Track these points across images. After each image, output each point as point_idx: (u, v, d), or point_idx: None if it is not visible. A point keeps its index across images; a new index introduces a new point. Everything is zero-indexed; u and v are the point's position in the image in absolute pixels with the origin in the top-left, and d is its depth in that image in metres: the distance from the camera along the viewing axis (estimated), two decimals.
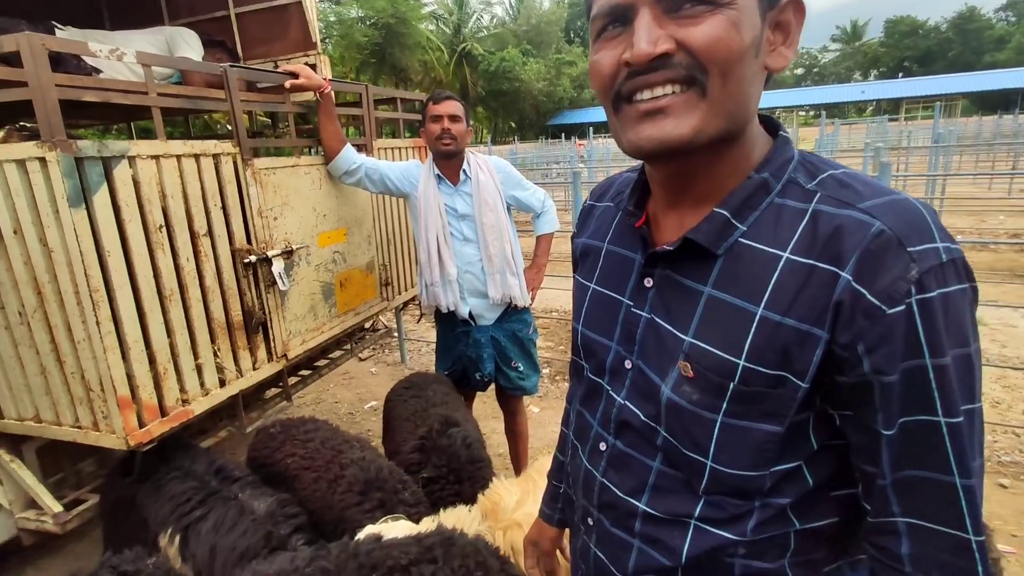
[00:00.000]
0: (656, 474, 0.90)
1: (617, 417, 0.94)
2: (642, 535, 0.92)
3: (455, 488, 2.30)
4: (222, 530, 1.98)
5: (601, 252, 1.01)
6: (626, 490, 0.93)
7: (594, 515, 0.99)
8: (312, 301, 2.84)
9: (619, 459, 0.94)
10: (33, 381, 2.10)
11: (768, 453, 0.80)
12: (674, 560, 0.90)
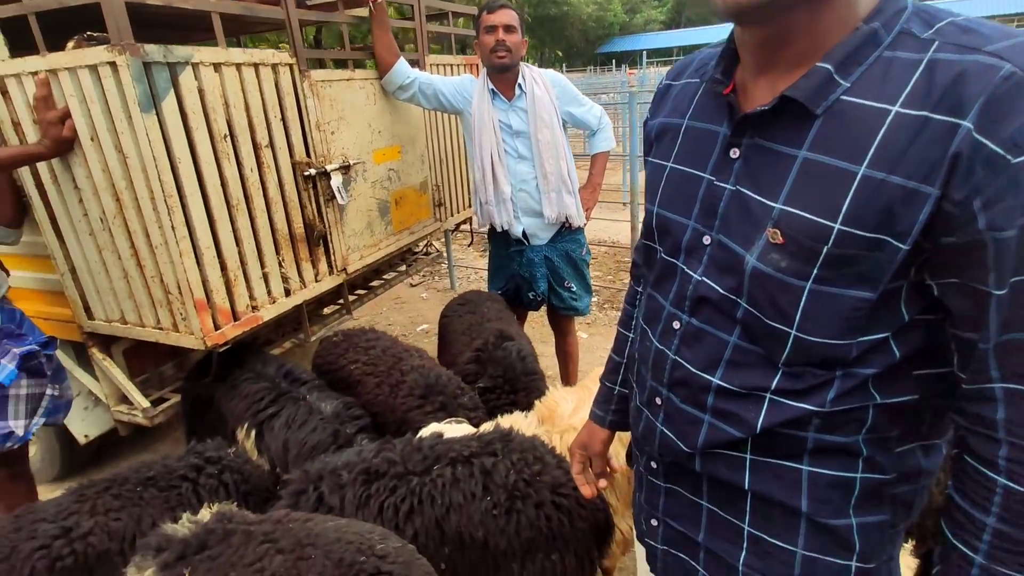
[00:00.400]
0: (732, 348, 0.89)
1: (693, 294, 0.92)
2: (714, 410, 0.92)
3: (510, 398, 2.37)
4: (293, 427, 2.12)
5: (680, 130, 0.97)
6: (700, 366, 0.92)
7: (663, 394, 1.00)
8: (369, 218, 2.88)
9: (693, 336, 0.93)
10: (117, 285, 2.23)
11: (857, 321, 0.77)
12: (746, 432, 0.89)
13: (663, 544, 1.11)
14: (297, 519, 1.49)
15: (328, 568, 1.30)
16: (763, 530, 0.94)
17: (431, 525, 1.64)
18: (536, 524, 1.63)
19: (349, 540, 1.37)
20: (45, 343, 2.20)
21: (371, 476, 1.73)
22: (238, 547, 1.40)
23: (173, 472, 1.75)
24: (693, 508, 1.02)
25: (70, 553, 1.49)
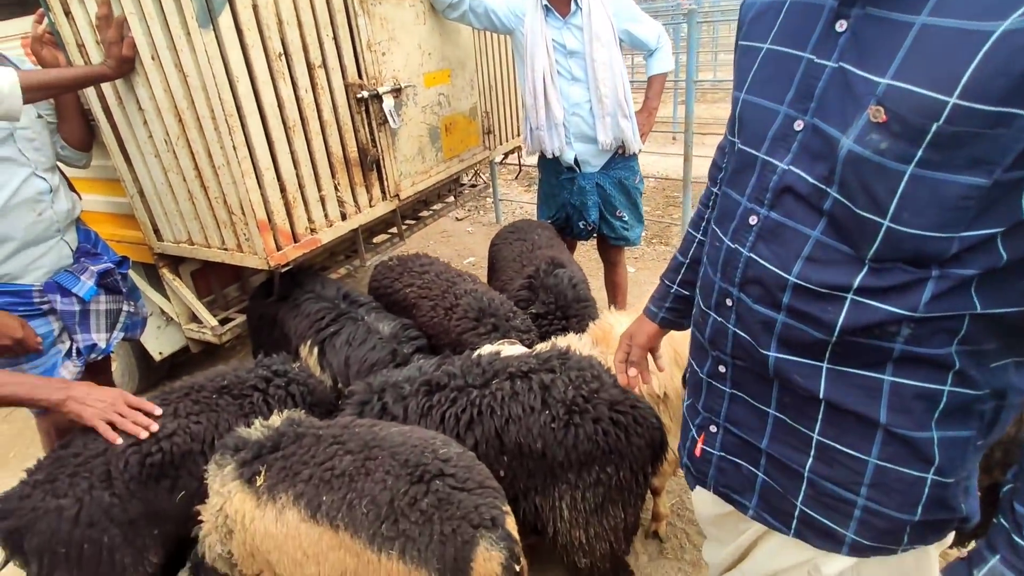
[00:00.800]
0: (813, 243, 0.85)
1: (777, 185, 0.88)
2: (789, 309, 0.89)
3: (562, 324, 2.38)
4: (354, 345, 2.20)
5: (783, 8, 0.90)
6: (776, 263, 0.89)
7: (734, 295, 0.97)
8: (420, 144, 2.85)
9: (770, 231, 0.90)
10: (183, 206, 2.31)
11: (963, 212, 0.71)
12: (824, 334, 0.86)
13: (720, 450, 1.11)
14: (363, 424, 1.58)
15: (395, 468, 1.38)
16: (834, 439, 0.92)
17: (491, 435, 1.70)
18: (594, 438, 1.67)
19: (414, 444, 1.45)
20: (119, 262, 2.31)
21: (432, 388, 1.79)
22: (309, 448, 1.50)
23: (245, 382, 1.86)
24: (758, 415, 1.01)
25: (158, 451, 1.62)
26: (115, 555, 1.55)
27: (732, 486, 1.11)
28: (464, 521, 1.28)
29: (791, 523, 1.02)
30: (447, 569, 1.26)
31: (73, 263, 2.18)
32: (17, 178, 1.96)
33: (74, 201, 2.21)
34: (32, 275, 2.07)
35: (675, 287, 1.35)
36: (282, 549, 1.40)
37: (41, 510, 1.49)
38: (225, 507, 1.49)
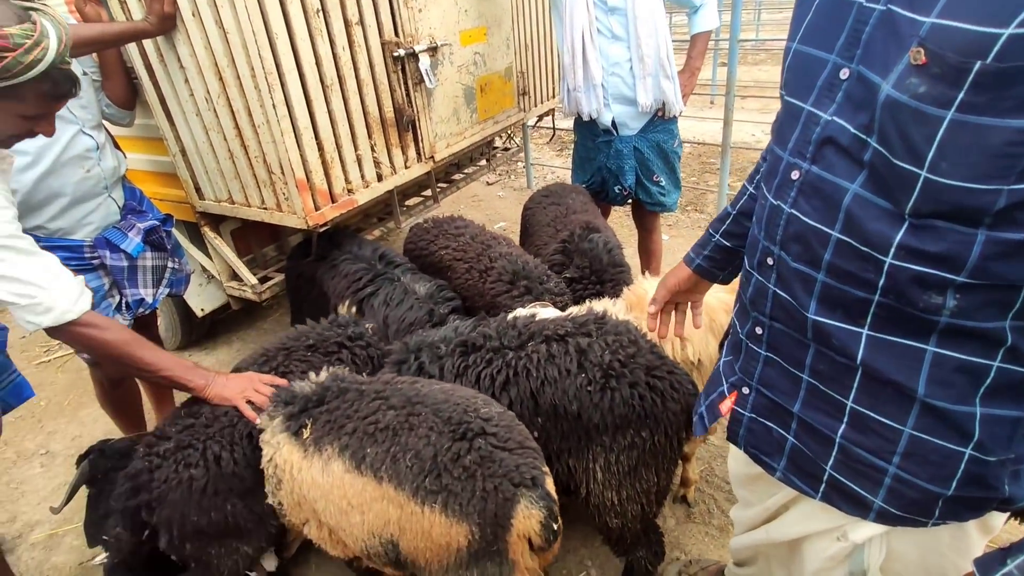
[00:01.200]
0: (852, 197, 0.82)
1: (819, 137, 0.85)
2: (829, 268, 0.87)
3: (596, 289, 2.36)
4: (391, 305, 2.23)
5: None
6: (816, 218, 0.87)
7: (775, 253, 0.95)
8: (455, 104, 2.82)
9: (811, 185, 0.87)
10: (224, 165, 2.34)
11: (1009, 160, 0.67)
12: (867, 292, 0.84)
13: (751, 412, 1.11)
14: (404, 381, 1.61)
15: (437, 425, 1.41)
16: (869, 407, 0.91)
17: (526, 396, 1.72)
18: (630, 402, 1.68)
19: (456, 402, 1.47)
20: (164, 219, 2.37)
21: (468, 348, 1.81)
22: (352, 402, 1.53)
23: (329, 340, 1.92)
24: (791, 378, 1.00)
25: None
26: (239, 521, 1.64)
27: (761, 447, 1.12)
28: (505, 479, 1.31)
29: (819, 487, 1.02)
30: (487, 524, 1.29)
31: (120, 220, 2.24)
32: (66, 135, 2.01)
33: (120, 159, 2.26)
34: (82, 231, 2.13)
35: (717, 236, 1.34)
36: (328, 498, 1.45)
37: (174, 480, 1.55)
38: (275, 458, 1.55)
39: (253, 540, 1.71)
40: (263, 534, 1.73)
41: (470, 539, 1.31)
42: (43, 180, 1.98)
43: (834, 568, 1.11)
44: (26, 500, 2.68)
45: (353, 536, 1.47)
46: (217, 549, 1.67)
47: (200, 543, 1.64)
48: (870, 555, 1.05)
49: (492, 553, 1.34)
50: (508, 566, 1.35)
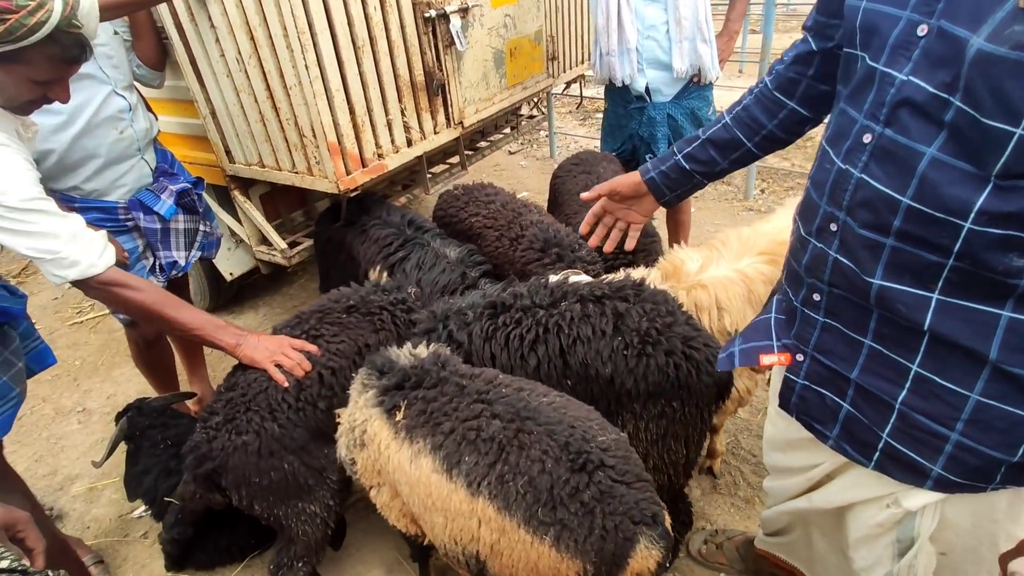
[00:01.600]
0: (928, 162, 0.79)
1: (894, 99, 0.82)
2: (900, 233, 0.84)
3: (627, 258, 2.34)
4: (424, 269, 2.22)
5: None
6: (888, 184, 0.84)
7: (839, 219, 0.92)
8: (484, 69, 2.76)
9: (884, 149, 0.84)
10: (255, 128, 2.33)
11: None
12: (941, 257, 0.81)
13: (804, 379, 1.09)
14: (508, 384, 1.49)
15: (553, 450, 1.29)
16: (935, 372, 0.89)
17: (555, 354, 1.70)
18: (665, 371, 1.66)
19: (571, 423, 1.35)
20: (195, 182, 2.37)
21: (497, 309, 1.80)
22: (452, 398, 1.44)
23: (372, 303, 1.91)
24: (851, 344, 0.99)
25: (314, 374, 1.72)
26: (299, 478, 1.69)
27: (813, 415, 1.10)
28: (626, 517, 1.23)
29: (873, 455, 1.01)
30: (603, 563, 1.23)
31: (153, 182, 2.25)
32: (99, 95, 2.01)
33: (152, 121, 2.25)
34: (116, 193, 2.15)
35: (679, 156, 1.33)
36: (412, 487, 1.41)
37: (230, 448, 1.62)
38: (364, 423, 1.52)
39: (317, 498, 1.75)
40: (326, 490, 1.76)
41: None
42: (78, 140, 1.99)
43: (881, 535, 1.11)
44: (66, 455, 2.77)
45: (434, 533, 1.43)
46: (284, 510, 1.72)
47: (267, 503, 1.71)
48: (922, 523, 1.04)
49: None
50: None
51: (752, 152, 1.28)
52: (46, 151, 1.95)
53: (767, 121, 1.22)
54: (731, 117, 1.27)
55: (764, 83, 1.22)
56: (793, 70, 1.16)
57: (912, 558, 1.10)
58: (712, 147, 1.30)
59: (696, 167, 1.33)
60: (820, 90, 1.14)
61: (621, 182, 1.42)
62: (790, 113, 1.19)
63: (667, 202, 1.43)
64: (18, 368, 1.74)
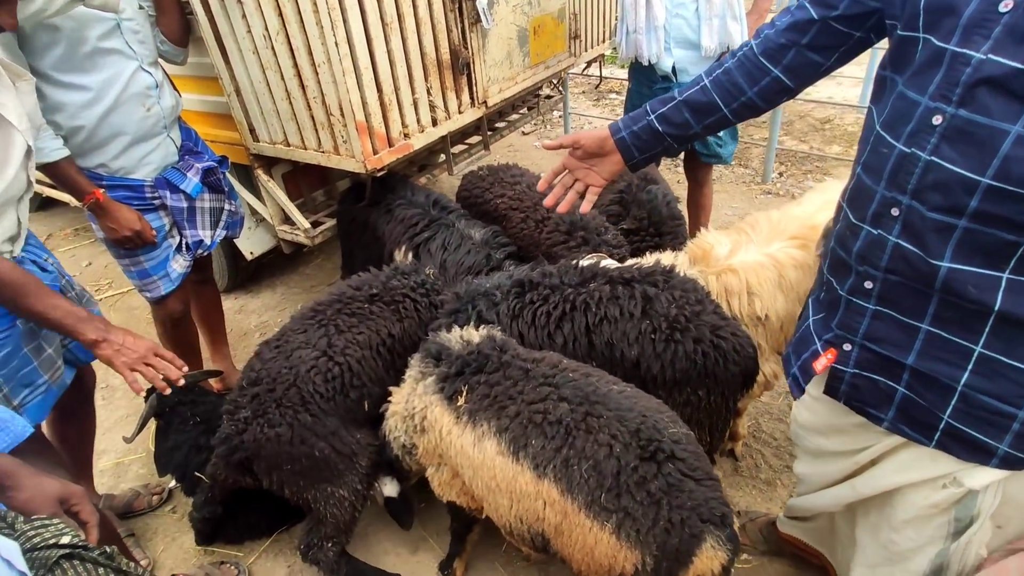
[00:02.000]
0: (1014, 140, 0.78)
1: (971, 79, 0.80)
2: (977, 214, 0.83)
3: (654, 241, 2.33)
4: (449, 249, 2.22)
5: None
6: (966, 164, 0.82)
7: (903, 203, 0.91)
8: (509, 47, 2.72)
9: (959, 130, 0.83)
10: (280, 106, 2.31)
11: None
12: (1017, 235, 0.81)
13: (854, 368, 1.09)
14: (575, 368, 1.48)
15: (622, 435, 1.27)
16: (1001, 352, 0.90)
17: (580, 332, 1.70)
18: (692, 358, 1.67)
19: (642, 412, 1.33)
20: (220, 160, 2.36)
21: (524, 287, 1.80)
22: (517, 381, 1.42)
23: (393, 290, 1.91)
24: (906, 330, 0.98)
25: (335, 366, 1.73)
26: (330, 464, 1.72)
27: (865, 400, 1.10)
28: (694, 513, 1.20)
29: (933, 435, 1.01)
30: (664, 558, 1.20)
31: (178, 160, 2.24)
32: (127, 71, 1.99)
33: (177, 98, 2.24)
34: (143, 170, 2.14)
35: (652, 116, 1.28)
36: (476, 471, 1.41)
37: (263, 439, 1.66)
38: (425, 411, 1.53)
39: (346, 482, 1.77)
40: (354, 475, 1.78)
41: (638, 568, 1.22)
42: (106, 117, 1.98)
43: (935, 516, 1.11)
44: None
45: (498, 513, 1.44)
46: (314, 494, 1.75)
47: (297, 487, 1.75)
48: (984, 501, 1.05)
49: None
50: None
51: (727, 118, 1.25)
52: (75, 127, 1.94)
53: (748, 87, 1.18)
54: (710, 80, 1.22)
55: (750, 46, 1.18)
56: (786, 36, 1.11)
57: (972, 535, 1.11)
58: (687, 109, 1.25)
59: (669, 129, 1.29)
60: (810, 59, 1.11)
61: (586, 135, 1.36)
62: (773, 81, 1.16)
63: (635, 164, 1.38)
64: (48, 354, 1.68)
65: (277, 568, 2.09)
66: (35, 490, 1.02)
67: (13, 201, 1.50)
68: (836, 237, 1.10)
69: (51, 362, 1.70)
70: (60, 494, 1.05)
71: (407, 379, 1.64)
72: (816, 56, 1.11)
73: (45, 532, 0.91)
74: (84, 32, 1.85)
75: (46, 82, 1.87)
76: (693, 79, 1.27)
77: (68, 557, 0.90)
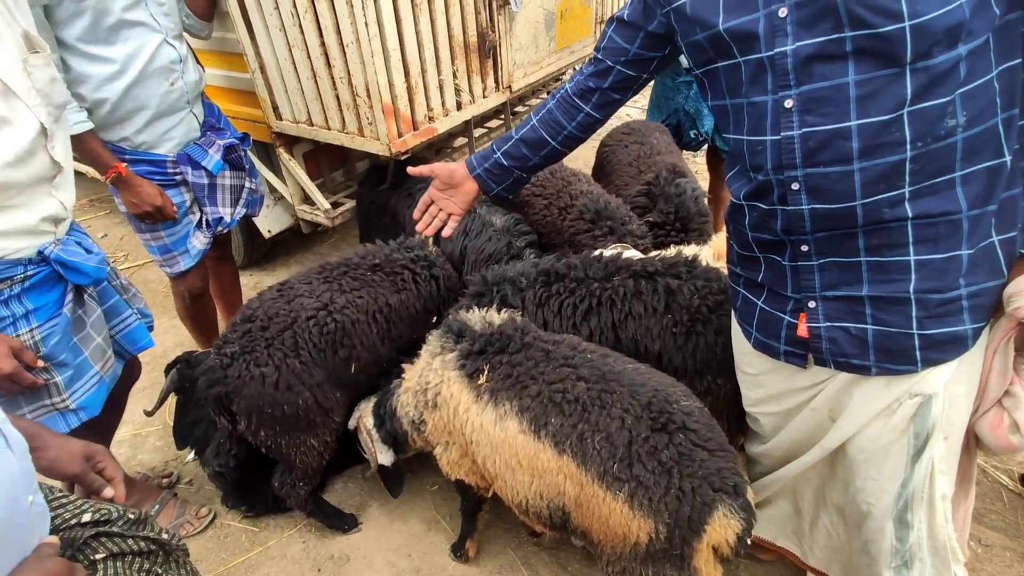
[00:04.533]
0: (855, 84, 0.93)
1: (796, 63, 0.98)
2: (862, 152, 0.97)
3: (680, 237, 2.30)
4: (470, 236, 2.21)
5: None
6: (832, 120, 0.98)
7: (799, 176, 1.04)
8: (535, 31, 2.68)
9: (811, 100, 0.99)
10: (305, 85, 2.29)
11: None
12: (900, 153, 0.95)
13: (825, 321, 1.15)
14: (594, 350, 1.50)
15: (634, 408, 1.30)
16: (930, 251, 1.02)
17: (607, 327, 1.71)
18: (713, 349, 1.67)
19: (655, 387, 1.35)
20: (242, 138, 2.35)
21: (551, 278, 1.80)
22: (538, 362, 1.45)
23: (395, 262, 1.94)
24: (851, 268, 1.09)
25: (333, 322, 1.74)
26: (309, 415, 1.74)
27: (847, 352, 1.16)
28: (705, 482, 1.21)
29: (916, 356, 1.09)
30: (677, 526, 1.21)
31: (201, 136, 2.23)
32: (151, 44, 1.97)
33: (200, 74, 2.21)
34: (165, 146, 2.13)
35: (499, 154, 1.48)
36: (496, 449, 1.42)
37: (247, 377, 1.65)
38: (440, 387, 1.54)
39: (318, 434, 1.80)
40: (327, 429, 1.82)
41: (652, 536, 1.23)
42: (130, 90, 1.97)
43: (895, 441, 1.19)
44: None
45: (515, 491, 1.45)
46: (287, 440, 1.77)
47: (273, 432, 1.75)
48: (936, 405, 1.13)
49: (674, 556, 1.24)
50: (689, 572, 1.25)
51: (558, 149, 1.47)
52: (100, 100, 1.93)
53: (567, 123, 1.42)
54: (538, 119, 1.44)
55: (565, 89, 1.41)
56: (592, 80, 1.36)
57: (931, 452, 1.17)
58: (524, 145, 1.47)
59: (512, 163, 1.49)
60: (612, 99, 1.38)
61: (439, 167, 1.54)
62: (586, 116, 1.40)
63: (496, 194, 1.56)
64: (97, 344, 1.61)
65: (292, 544, 2.12)
66: (61, 449, 1.03)
67: (43, 182, 1.43)
68: (752, 232, 1.20)
69: (102, 352, 1.64)
70: (85, 452, 1.05)
71: (423, 353, 1.64)
72: (616, 95, 1.37)
73: (65, 512, 0.91)
74: (109, 3, 1.83)
75: (71, 53, 1.85)
76: (525, 119, 1.47)
77: (95, 536, 0.90)
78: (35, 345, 1.45)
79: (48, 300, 1.48)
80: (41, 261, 1.45)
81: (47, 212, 1.44)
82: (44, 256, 1.44)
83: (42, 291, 1.46)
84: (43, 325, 1.46)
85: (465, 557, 1.96)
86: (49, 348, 1.47)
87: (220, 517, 2.23)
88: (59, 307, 1.50)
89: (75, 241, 1.55)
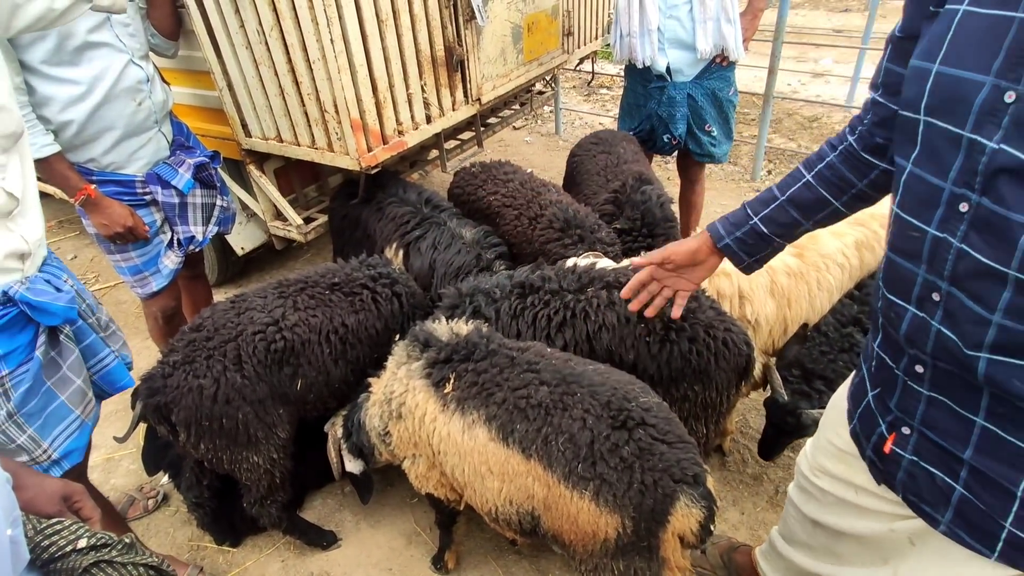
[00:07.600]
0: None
1: (988, 168, 0.77)
2: (1010, 308, 0.78)
3: (647, 242, 2.35)
4: (439, 249, 2.23)
5: None
6: (993, 255, 0.78)
7: (943, 289, 0.86)
8: (503, 44, 2.72)
9: (984, 220, 0.79)
10: (274, 102, 2.29)
11: None
12: None
13: (912, 454, 1.01)
14: (558, 356, 1.52)
15: (594, 408, 1.33)
16: None
17: (581, 339, 1.74)
18: (687, 357, 1.70)
19: (614, 386, 1.38)
20: (212, 156, 2.34)
21: (526, 290, 1.82)
22: (503, 369, 1.46)
23: (355, 281, 1.92)
24: (961, 422, 0.91)
25: (281, 339, 1.73)
26: (249, 429, 1.71)
27: (922, 495, 1.01)
28: (665, 474, 1.25)
29: (996, 545, 0.93)
30: (642, 519, 1.24)
31: (170, 155, 2.22)
32: (117, 65, 1.97)
33: (167, 92, 2.21)
34: (134, 166, 2.12)
35: (756, 220, 1.24)
36: (464, 458, 1.43)
37: (185, 388, 1.63)
38: (405, 396, 1.54)
39: (261, 450, 1.77)
40: (271, 445, 1.79)
41: (620, 531, 1.27)
42: (96, 111, 1.96)
43: None
44: None
45: (485, 499, 1.46)
46: (228, 456, 1.74)
47: (212, 446, 1.72)
48: None
49: (642, 548, 1.29)
50: (658, 563, 1.30)
51: (840, 211, 1.20)
52: (65, 121, 1.92)
53: (858, 180, 1.16)
54: (813, 175, 1.19)
55: (849, 143, 1.15)
56: (879, 135, 1.10)
57: None
58: (794, 208, 1.21)
59: (776, 229, 1.24)
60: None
61: (676, 251, 1.35)
62: (881, 173, 1.13)
63: (747, 268, 1.33)
64: (76, 386, 1.51)
65: (271, 563, 2.10)
66: (37, 488, 1.02)
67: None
68: (883, 314, 1.02)
69: (82, 394, 1.54)
70: (62, 492, 1.05)
71: (388, 363, 1.64)
72: None
73: (59, 539, 0.91)
74: (73, 25, 1.82)
75: (36, 76, 1.84)
76: (789, 174, 1.23)
77: (95, 564, 0.90)
78: (4, 393, 1.34)
79: (19, 344, 1.36)
80: (7, 302, 1.33)
81: (8, 248, 1.33)
82: (9, 296, 1.33)
83: (11, 334, 1.34)
84: (13, 372, 1.35)
85: (445, 569, 1.96)
86: (18, 397, 1.36)
87: (196, 539, 2.21)
88: (30, 351, 1.38)
89: (44, 279, 1.43)
